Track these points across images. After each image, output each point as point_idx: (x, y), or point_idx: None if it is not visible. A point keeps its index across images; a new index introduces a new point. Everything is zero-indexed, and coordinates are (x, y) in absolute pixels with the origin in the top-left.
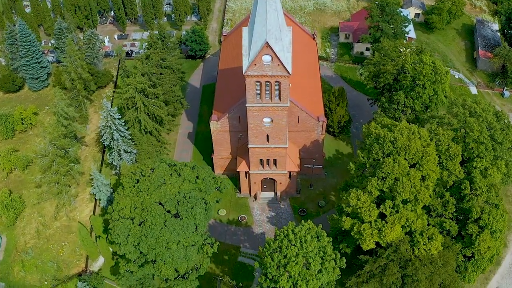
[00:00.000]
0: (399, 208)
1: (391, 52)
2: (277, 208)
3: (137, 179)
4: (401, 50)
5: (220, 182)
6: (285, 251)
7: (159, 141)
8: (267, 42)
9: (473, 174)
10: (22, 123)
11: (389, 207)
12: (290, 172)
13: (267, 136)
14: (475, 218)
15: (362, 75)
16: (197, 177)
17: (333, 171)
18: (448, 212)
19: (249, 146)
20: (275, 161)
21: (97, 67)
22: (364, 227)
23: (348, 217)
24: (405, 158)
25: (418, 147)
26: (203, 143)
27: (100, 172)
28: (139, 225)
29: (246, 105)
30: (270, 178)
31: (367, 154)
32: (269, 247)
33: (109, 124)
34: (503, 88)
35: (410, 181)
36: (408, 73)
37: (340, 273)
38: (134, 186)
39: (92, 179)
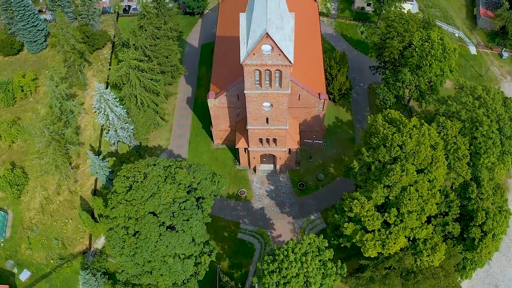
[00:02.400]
0: (404, 217)
1: (397, 23)
2: (276, 181)
3: (130, 184)
4: (408, 21)
5: (218, 182)
6: (285, 272)
7: (157, 112)
8: (267, 32)
9: (480, 175)
10: (22, 91)
11: (394, 216)
12: (289, 148)
13: (267, 118)
14: (480, 223)
15: (363, 34)
16: (194, 178)
17: (333, 140)
18: (452, 213)
19: (248, 127)
20: (274, 140)
21: (93, 28)
22: (367, 238)
23: (350, 223)
24: (413, 163)
25: (427, 153)
26: (202, 109)
27: (99, 143)
28: (134, 235)
29: (245, 92)
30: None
31: (372, 153)
32: (267, 266)
33: (103, 106)
34: (502, 49)
35: (417, 191)
36: (415, 51)
37: (340, 280)
38: (127, 193)
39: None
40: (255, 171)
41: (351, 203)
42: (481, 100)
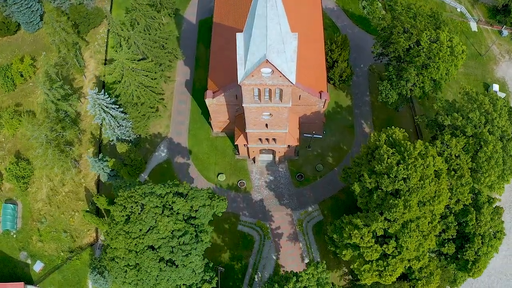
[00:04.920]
0: (402, 249)
1: (403, 17)
2: (275, 172)
3: (128, 215)
4: (416, 15)
5: (217, 207)
6: None
7: (155, 103)
8: (266, 59)
9: (480, 198)
10: (21, 76)
11: (393, 247)
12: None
13: (266, 124)
14: (476, 249)
15: (364, 9)
16: (192, 207)
17: (332, 127)
18: (449, 234)
19: (247, 131)
20: (274, 139)
21: (88, 7)
22: (365, 268)
23: (349, 249)
24: (415, 196)
25: (431, 188)
26: (200, 94)
27: (100, 131)
28: (135, 267)
29: (243, 105)
30: None
31: (375, 178)
32: None
33: (98, 110)
34: (502, 27)
35: (418, 227)
36: (423, 51)
37: None
38: (126, 224)
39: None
40: (254, 161)
41: (350, 231)
42: (488, 116)
